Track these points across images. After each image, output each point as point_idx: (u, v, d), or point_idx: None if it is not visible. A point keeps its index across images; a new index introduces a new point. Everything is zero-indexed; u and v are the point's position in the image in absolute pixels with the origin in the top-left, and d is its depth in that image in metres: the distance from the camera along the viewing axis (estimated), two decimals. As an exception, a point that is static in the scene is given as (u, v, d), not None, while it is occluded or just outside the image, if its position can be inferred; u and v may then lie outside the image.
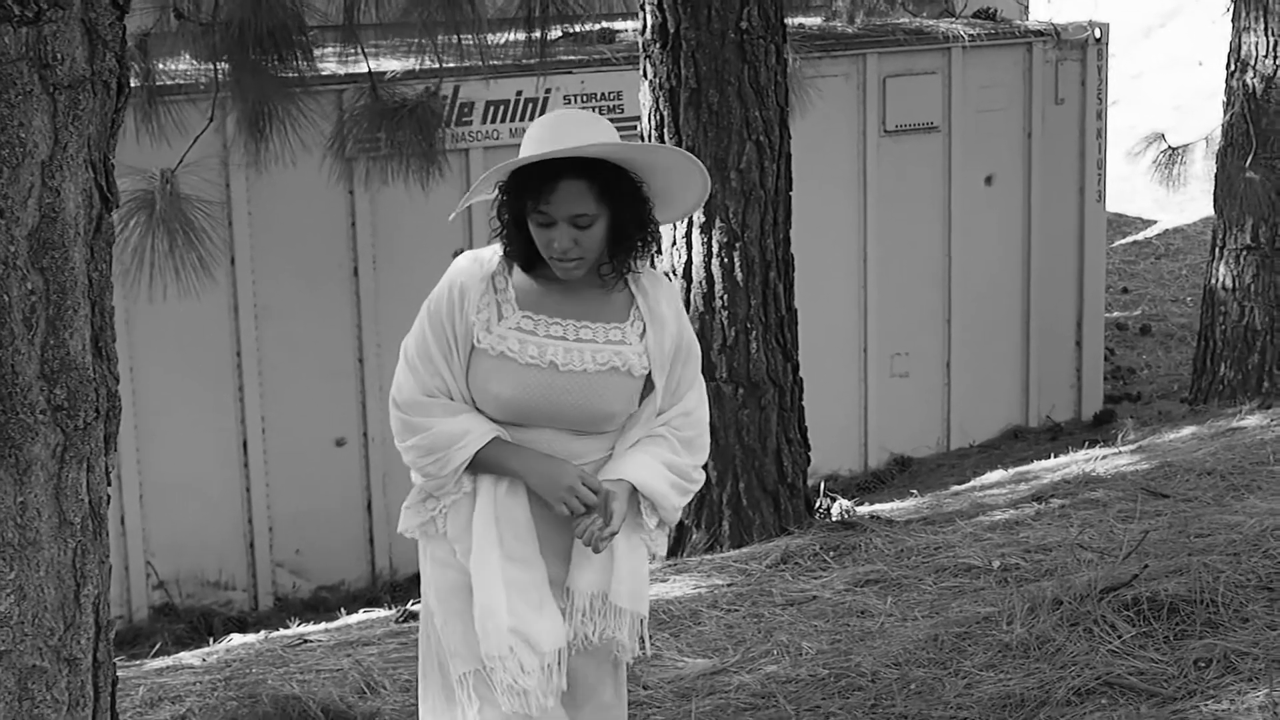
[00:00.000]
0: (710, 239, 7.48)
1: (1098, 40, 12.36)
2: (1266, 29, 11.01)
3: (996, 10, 12.52)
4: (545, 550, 3.78)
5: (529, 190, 3.63)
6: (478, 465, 3.73)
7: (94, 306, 2.35)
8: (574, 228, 3.62)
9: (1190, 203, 18.94)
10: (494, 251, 3.78)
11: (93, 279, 2.34)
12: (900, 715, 5.08)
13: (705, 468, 3.98)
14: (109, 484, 2.46)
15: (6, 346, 2.24)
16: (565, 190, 3.61)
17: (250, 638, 7.77)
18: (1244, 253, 11.32)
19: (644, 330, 3.79)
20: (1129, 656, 5.09)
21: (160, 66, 7.57)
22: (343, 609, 8.70)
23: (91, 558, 2.38)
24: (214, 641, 7.85)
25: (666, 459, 3.83)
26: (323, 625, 7.89)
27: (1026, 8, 14.30)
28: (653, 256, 7.70)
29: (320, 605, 9.30)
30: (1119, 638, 5.21)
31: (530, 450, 3.73)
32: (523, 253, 3.73)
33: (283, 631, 7.78)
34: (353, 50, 7.72)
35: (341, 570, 9.75)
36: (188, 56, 7.93)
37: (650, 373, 3.80)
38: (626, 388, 3.77)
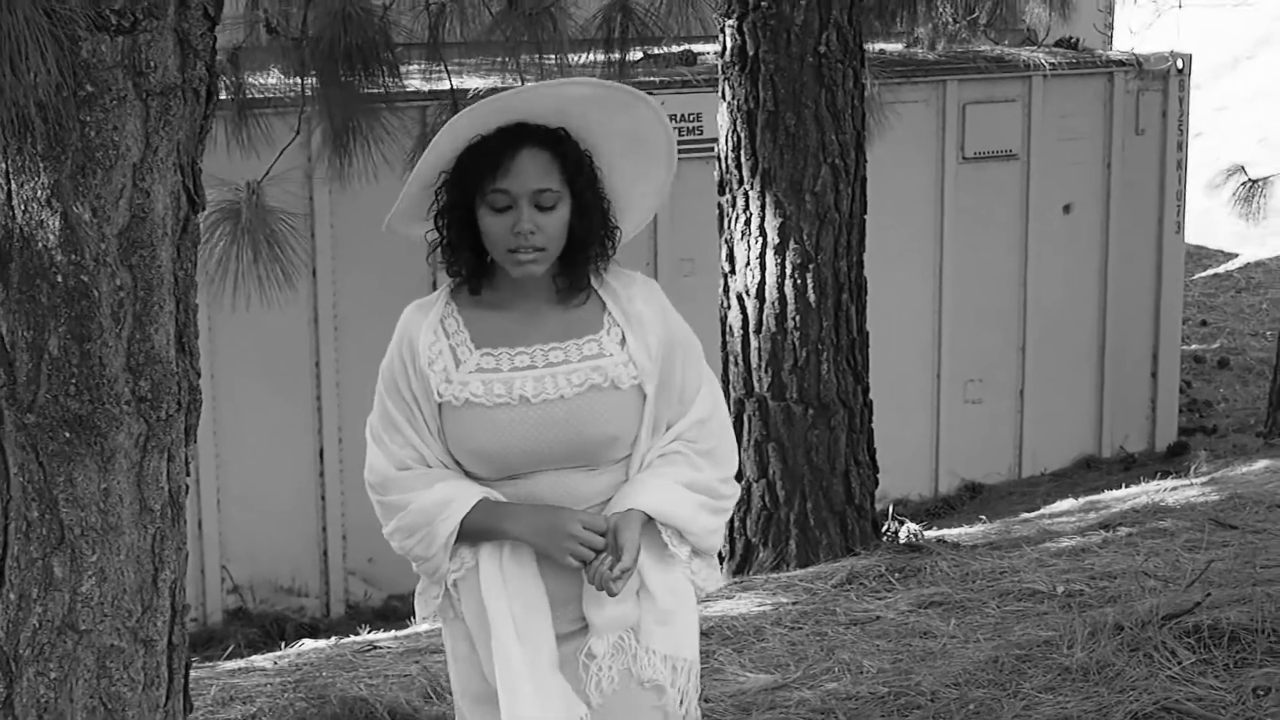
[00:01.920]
0: (784, 260, 7.55)
1: (1180, 71, 12.35)
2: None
3: (1078, 40, 12.54)
4: (564, 616, 3.33)
5: (483, 167, 3.19)
6: (471, 535, 3.28)
7: (179, 304, 2.46)
8: (536, 209, 3.19)
9: (1272, 236, 18.85)
10: (439, 294, 3.37)
11: (178, 277, 2.45)
12: (958, 734, 5.14)
13: (771, 486, 3.62)
14: (188, 474, 2.57)
15: (95, 339, 2.35)
16: (527, 161, 3.19)
17: (321, 643, 7.89)
18: (1323, 286, 11.28)
19: (623, 337, 3.33)
20: (1188, 683, 5.11)
21: (250, 80, 7.73)
22: (412, 617, 8.80)
23: (170, 544, 2.49)
24: (285, 646, 7.97)
25: (685, 477, 3.35)
26: (392, 632, 7.99)
27: (1110, 38, 14.31)
28: (725, 274, 7.70)
29: (391, 614, 9.40)
30: (1179, 664, 5.24)
31: (521, 506, 3.29)
32: (470, 264, 3.29)
33: (353, 638, 7.90)
34: (437, 68, 7.84)
35: (412, 580, 9.79)
36: (276, 71, 8.10)
37: (640, 383, 3.32)
38: (618, 405, 3.30)
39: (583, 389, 3.27)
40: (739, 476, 3.60)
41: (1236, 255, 19.57)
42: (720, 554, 3.85)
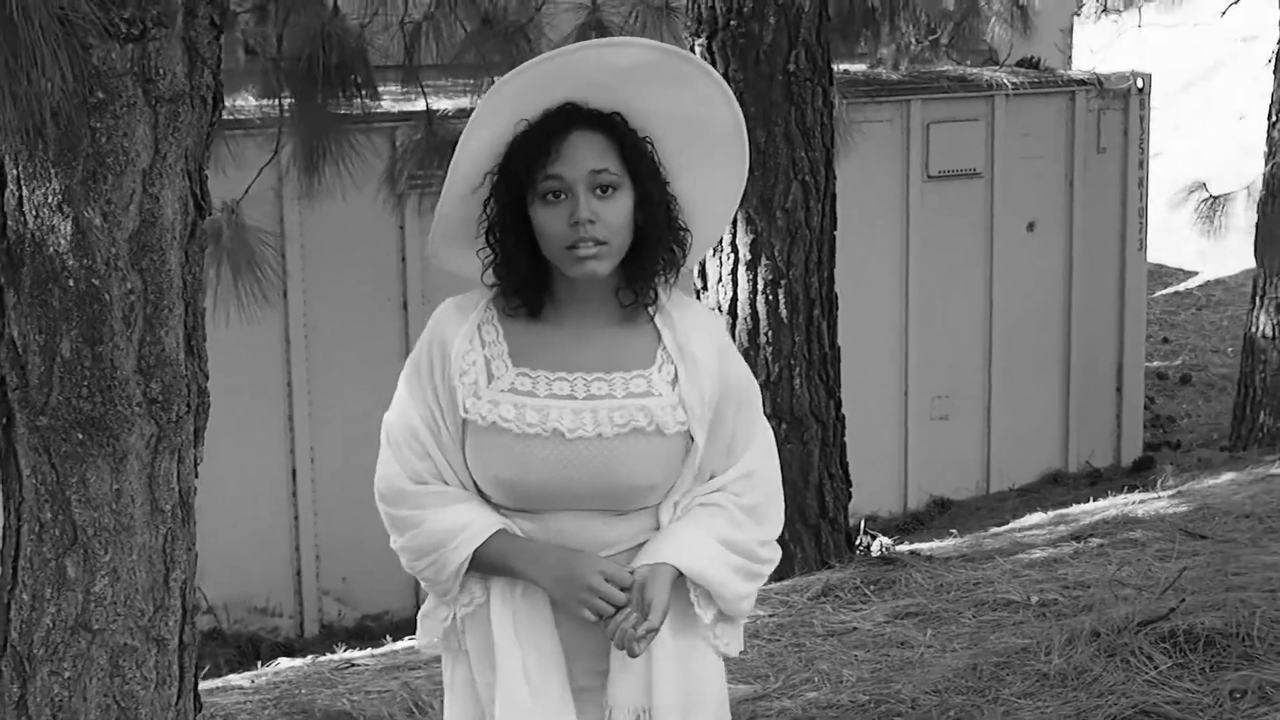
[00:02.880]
0: (756, 276, 7.62)
1: (1140, 90, 12.48)
2: (1308, 80, 11.14)
3: (1040, 59, 12.66)
4: (581, 668, 3.02)
5: (531, 155, 2.87)
6: (482, 567, 2.97)
7: (187, 307, 2.50)
8: (594, 195, 2.86)
9: (1232, 255, 18.99)
10: (482, 295, 3.02)
11: (186, 281, 2.49)
12: (939, 739, 5.20)
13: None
14: (196, 475, 2.60)
15: (107, 342, 2.39)
16: (579, 143, 2.87)
17: (298, 661, 7.90)
18: (1284, 301, 11.42)
19: (675, 375, 2.96)
20: (1165, 686, 5.18)
21: (226, 102, 7.74)
22: (388, 636, 8.82)
23: (180, 544, 2.53)
24: (261, 665, 7.98)
25: (724, 535, 2.99)
26: (369, 650, 8.01)
27: (1069, 57, 14.43)
28: (697, 291, 7.73)
29: (365, 633, 9.41)
30: (1155, 669, 5.30)
31: (540, 545, 2.95)
32: (526, 277, 2.95)
33: (330, 655, 7.91)
34: (414, 89, 7.89)
35: (386, 600, 9.88)
36: (246, 92, 8.13)
37: (689, 429, 2.96)
38: (660, 452, 2.95)
39: (624, 430, 2.92)
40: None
41: (1197, 273, 19.74)
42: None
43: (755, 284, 7.63)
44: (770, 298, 7.63)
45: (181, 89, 2.40)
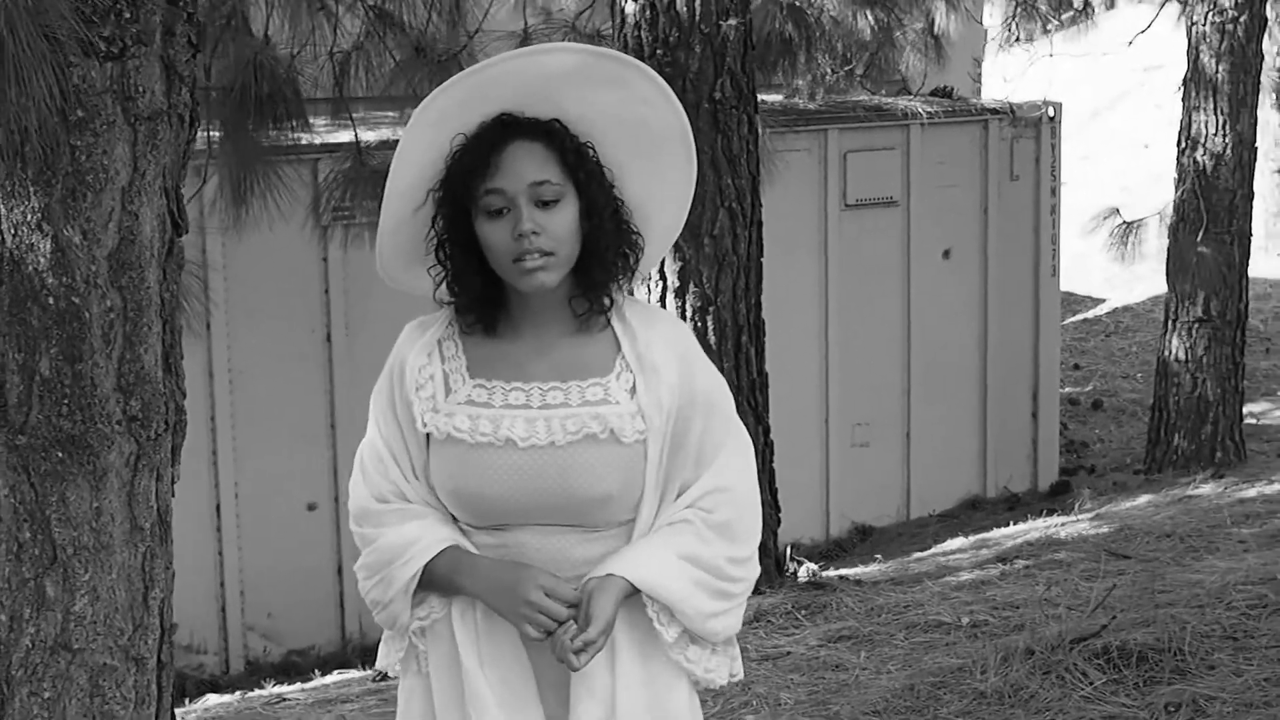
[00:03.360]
0: (685, 303, 7.65)
1: (1051, 119, 12.65)
2: (1215, 108, 11.32)
3: (953, 89, 12.80)
4: (544, 685, 2.95)
5: (471, 169, 2.82)
6: (434, 584, 2.91)
7: (165, 325, 2.50)
8: (536, 207, 2.81)
9: (1139, 281, 19.28)
10: (443, 313, 3.00)
11: (164, 299, 2.49)
12: (881, 758, 5.24)
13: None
14: (173, 494, 2.60)
15: (86, 360, 2.38)
16: (518, 154, 2.82)
17: (227, 697, 7.85)
18: (1196, 325, 11.58)
19: (634, 384, 2.90)
20: (1101, 702, 5.26)
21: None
22: (316, 671, 8.78)
23: (159, 562, 2.52)
24: (189, 703, 7.91)
25: (686, 550, 2.90)
26: (299, 685, 7.97)
27: (979, 88, 14.62)
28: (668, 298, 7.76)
29: (292, 669, 9.35)
30: (1091, 684, 5.38)
31: (484, 560, 2.90)
32: (479, 294, 2.92)
33: (259, 691, 7.87)
34: (344, 119, 7.88)
35: (312, 634, 9.81)
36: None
37: (646, 439, 2.89)
38: (618, 460, 2.87)
39: (577, 438, 2.86)
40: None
41: (1105, 300, 20.00)
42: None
43: (684, 311, 7.67)
44: (699, 324, 7.66)
45: (160, 107, 2.41)
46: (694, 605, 2.88)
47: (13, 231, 2.35)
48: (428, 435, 2.91)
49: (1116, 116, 25.21)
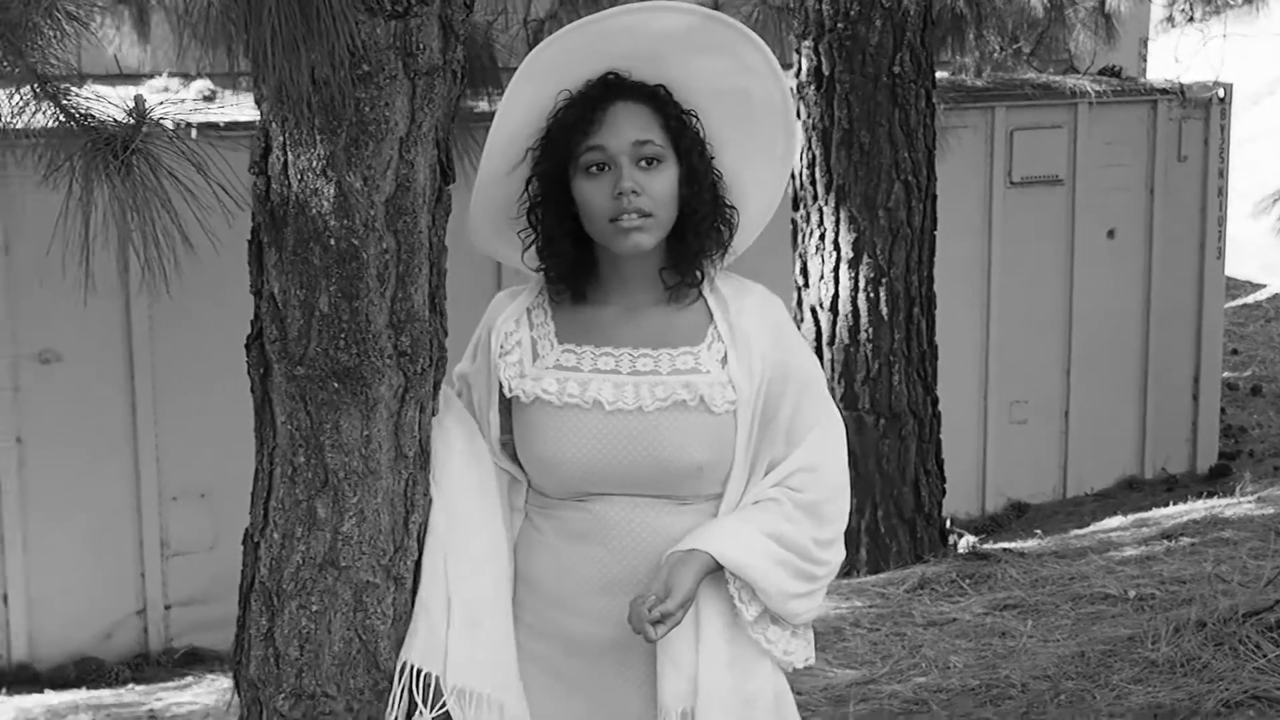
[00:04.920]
0: (858, 274, 7.77)
1: (1221, 100, 12.56)
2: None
3: (1121, 68, 12.75)
4: (626, 677, 2.88)
5: (573, 125, 2.76)
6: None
7: (432, 267, 2.67)
8: (637, 167, 2.76)
9: (1301, 268, 19.07)
10: (535, 282, 2.94)
11: (432, 243, 2.66)
12: (1054, 721, 5.33)
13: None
14: (431, 427, 2.77)
15: (363, 298, 2.56)
16: (622, 113, 2.77)
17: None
18: (1365, 311, 11.47)
19: (725, 354, 2.84)
20: (1275, 674, 5.30)
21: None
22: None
23: (419, 489, 2.69)
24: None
25: (772, 528, 2.81)
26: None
27: (1145, 68, 14.51)
28: (798, 288, 7.83)
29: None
30: (1264, 657, 5.43)
31: None
32: (571, 259, 2.85)
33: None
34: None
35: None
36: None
37: (737, 410, 2.82)
38: (707, 430, 2.80)
39: (666, 405, 2.79)
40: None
41: (1265, 285, 19.78)
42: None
43: (857, 281, 7.78)
44: (871, 295, 7.77)
45: (437, 63, 2.56)
46: (776, 584, 2.79)
47: (299, 177, 2.53)
48: (512, 401, 2.86)
49: (1276, 102, 24.85)
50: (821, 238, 7.83)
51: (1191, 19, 12.86)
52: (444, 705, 2.68)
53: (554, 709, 2.86)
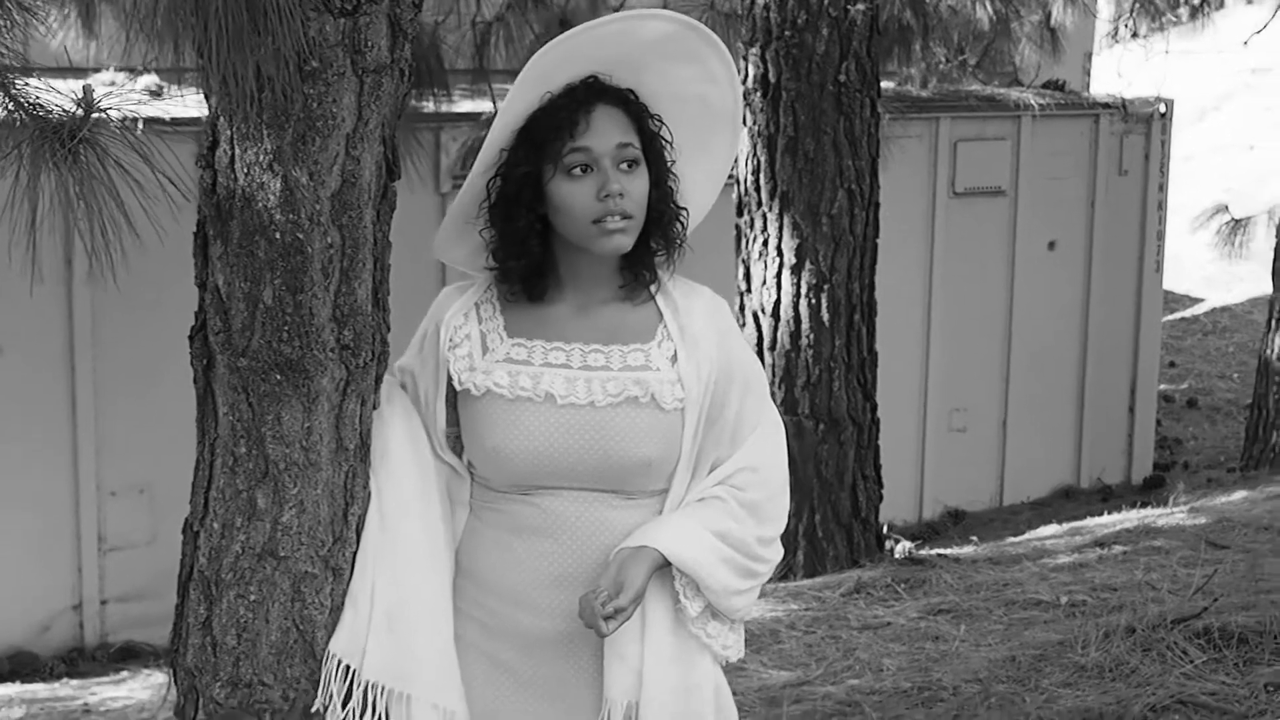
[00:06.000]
0: (800, 280, 7.83)
1: (1163, 115, 12.71)
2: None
3: (1065, 82, 12.88)
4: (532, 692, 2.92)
5: (557, 126, 2.78)
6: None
7: (376, 262, 2.71)
8: (619, 169, 2.80)
9: (1239, 282, 19.27)
10: (483, 279, 2.95)
11: (377, 238, 2.70)
12: (984, 723, 5.40)
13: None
14: (372, 420, 2.81)
15: (307, 291, 2.59)
16: (605, 116, 2.81)
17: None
18: (1301, 325, 11.63)
19: (675, 353, 2.89)
20: (1201, 679, 5.39)
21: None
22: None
23: (359, 481, 2.73)
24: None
25: (717, 525, 2.87)
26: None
27: (1088, 82, 14.66)
28: (740, 292, 7.88)
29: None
30: (1191, 662, 5.51)
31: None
32: (533, 255, 2.86)
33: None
34: (481, 88, 8.02)
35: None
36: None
37: (684, 408, 2.87)
38: (657, 426, 2.85)
39: (618, 400, 2.83)
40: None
41: (1203, 300, 19.99)
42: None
43: (799, 288, 7.85)
44: (813, 301, 7.84)
45: (385, 61, 2.60)
46: (721, 581, 2.85)
47: (245, 171, 2.56)
48: (460, 394, 2.88)
49: (1222, 118, 25.12)
50: (765, 243, 7.89)
51: (1135, 35, 13.01)
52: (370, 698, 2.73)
53: (506, 704, 2.90)
